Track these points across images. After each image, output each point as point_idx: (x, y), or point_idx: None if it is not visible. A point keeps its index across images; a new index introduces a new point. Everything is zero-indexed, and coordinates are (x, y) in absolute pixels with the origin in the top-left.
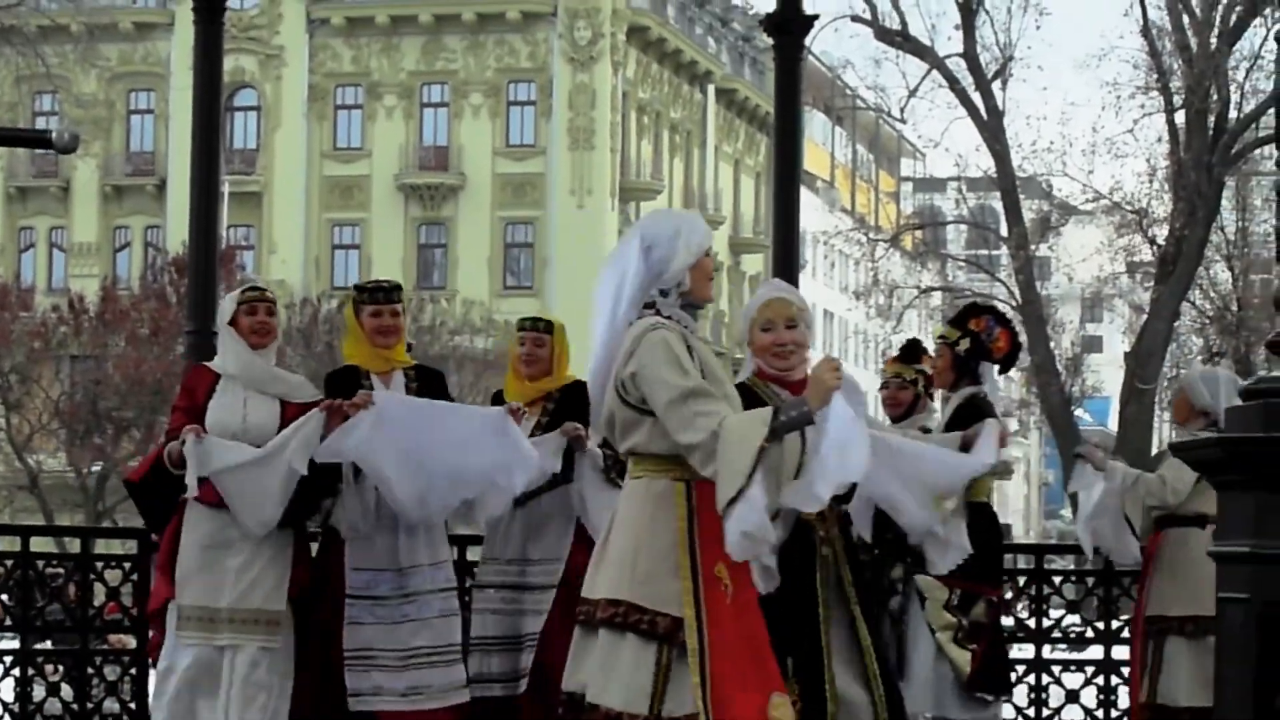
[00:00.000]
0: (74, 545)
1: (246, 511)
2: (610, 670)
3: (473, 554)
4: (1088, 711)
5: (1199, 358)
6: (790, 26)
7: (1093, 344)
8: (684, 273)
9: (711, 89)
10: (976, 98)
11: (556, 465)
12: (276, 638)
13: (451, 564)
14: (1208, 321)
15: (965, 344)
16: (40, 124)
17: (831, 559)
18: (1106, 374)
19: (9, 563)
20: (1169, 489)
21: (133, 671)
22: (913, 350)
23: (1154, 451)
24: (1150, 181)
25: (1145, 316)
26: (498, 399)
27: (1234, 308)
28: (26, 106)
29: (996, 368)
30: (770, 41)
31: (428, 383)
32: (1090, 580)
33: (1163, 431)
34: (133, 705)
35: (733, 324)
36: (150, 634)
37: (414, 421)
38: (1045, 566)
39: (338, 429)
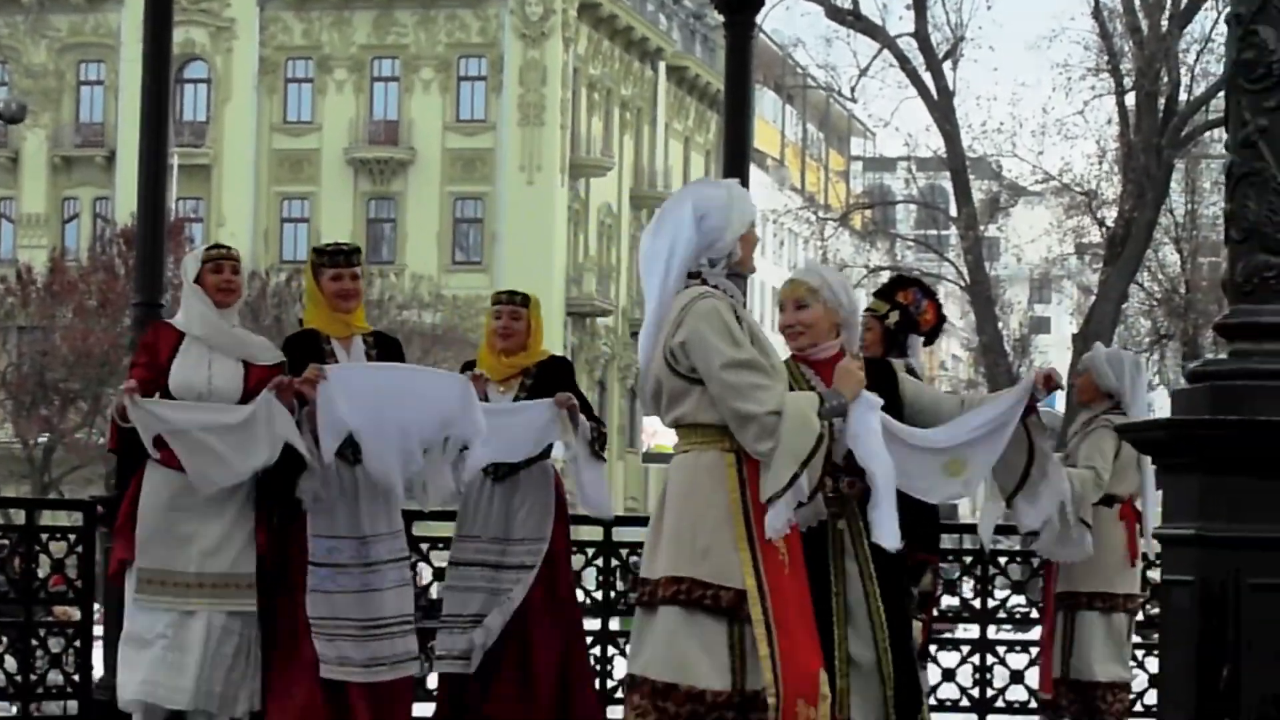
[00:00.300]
0: (19, 517)
1: (196, 470)
2: (683, 648)
3: (421, 529)
4: (1032, 692)
5: (1146, 339)
6: (742, 5)
7: (1041, 325)
8: (735, 243)
9: (662, 66)
10: (927, 78)
11: (555, 435)
12: (249, 600)
13: (404, 534)
14: (1156, 304)
15: (894, 317)
16: None
17: (846, 532)
18: (1054, 355)
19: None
20: (1102, 480)
21: (77, 643)
22: (892, 287)
23: None
24: (1100, 163)
25: (1094, 298)
26: (468, 370)
27: (1182, 290)
28: None
29: (922, 340)
30: (721, 19)
31: (386, 350)
32: (1035, 561)
33: None
34: (76, 677)
35: None
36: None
37: (369, 385)
38: (991, 547)
39: (320, 411)
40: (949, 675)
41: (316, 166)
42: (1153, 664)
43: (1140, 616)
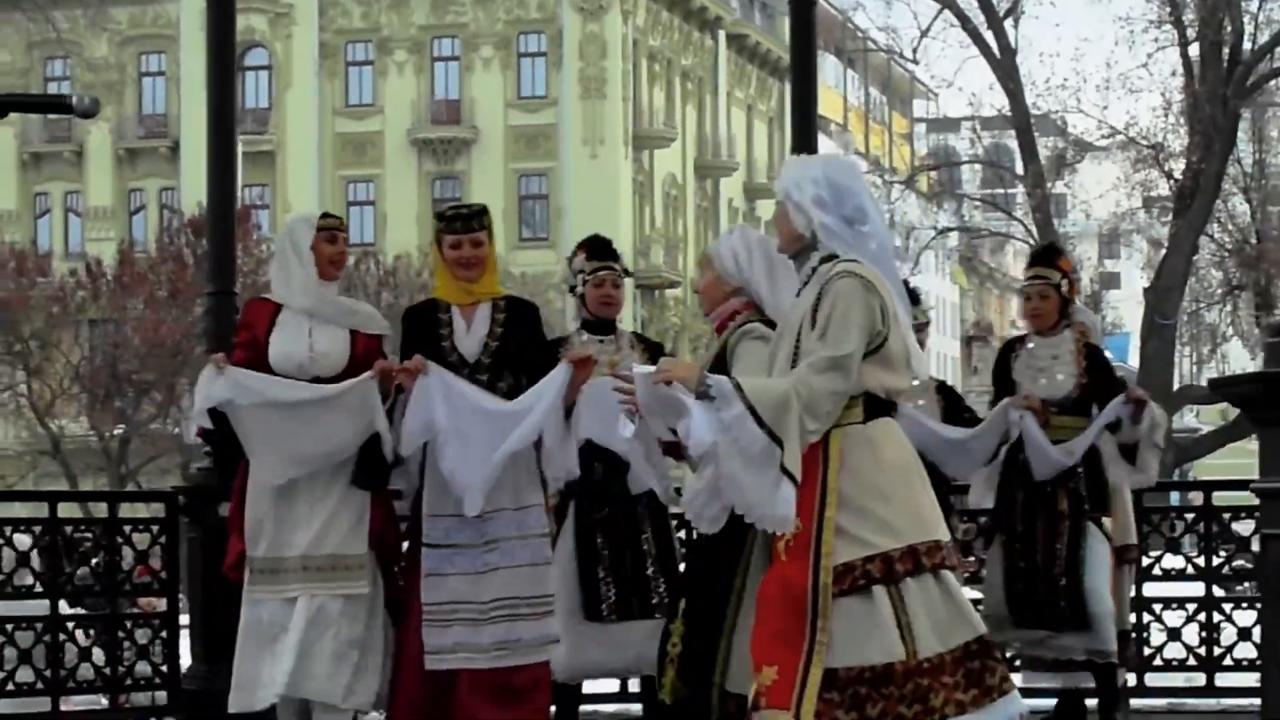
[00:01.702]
0: (98, 510)
1: (268, 453)
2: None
3: None
4: (1190, 649)
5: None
6: None
7: (1111, 280)
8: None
9: (722, 35)
10: (989, 36)
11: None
12: (359, 583)
13: (543, 508)
14: (1227, 255)
15: (1065, 284)
16: (52, 89)
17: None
18: (1126, 310)
19: (37, 529)
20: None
21: (164, 634)
22: (1051, 252)
23: (1175, 387)
24: (1165, 116)
25: (1164, 251)
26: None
27: (1253, 240)
28: (38, 72)
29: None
30: None
31: (518, 315)
32: (1190, 516)
33: (1183, 366)
34: (164, 668)
35: None
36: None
37: (470, 399)
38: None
39: (412, 407)
40: (1174, 634)
41: (380, 149)
42: (1241, 617)
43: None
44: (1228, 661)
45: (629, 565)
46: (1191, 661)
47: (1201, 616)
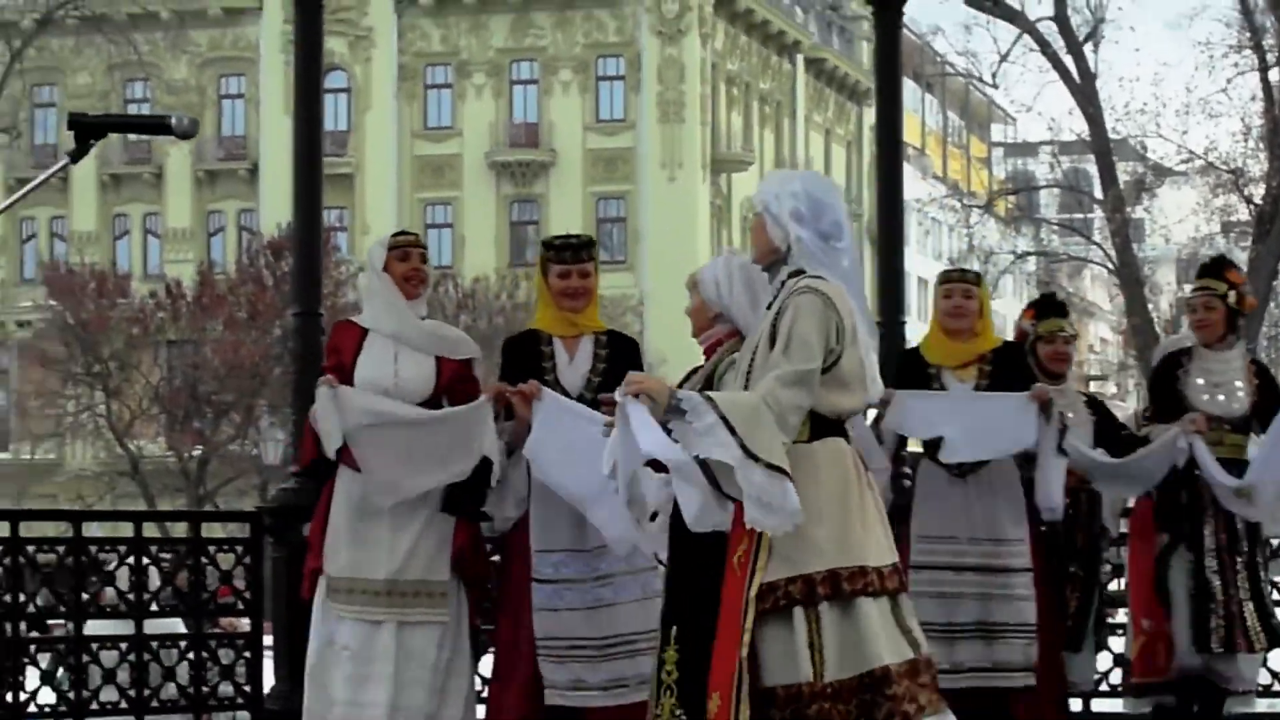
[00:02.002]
0: (175, 530)
1: (379, 473)
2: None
3: None
4: None
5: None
6: None
7: None
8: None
9: (800, 59)
10: (1068, 61)
11: (1030, 431)
12: (443, 611)
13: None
14: None
15: (1233, 296)
16: (132, 111)
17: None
18: None
19: (121, 548)
20: None
21: (247, 654)
22: (1219, 263)
23: None
24: (1245, 140)
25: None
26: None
27: None
28: (118, 94)
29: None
30: (856, 10)
31: (620, 350)
32: None
33: None
34: (247, 688)
35: None
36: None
37: (581, 428)
38: None
39: (534, 429)
40: None
41: (458, 171)
42: None
43: None
44: None
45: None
46: None
47: None
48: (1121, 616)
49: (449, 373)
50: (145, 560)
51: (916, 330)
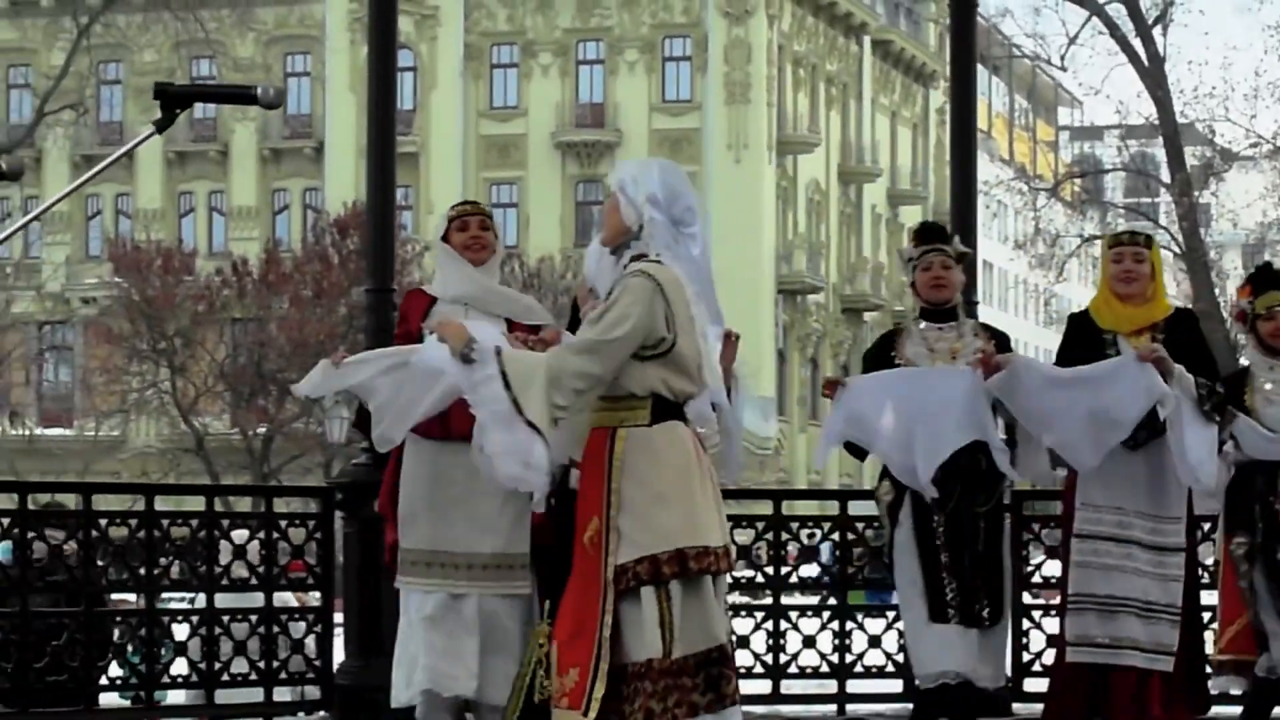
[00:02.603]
0: (240, 504)
1: (385, 414)
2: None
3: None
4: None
5: None
6: None
7: None
8: None
9: (867, 40)
10: (1137, 44)
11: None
12: (524, 583)
13: None
14: None
15: None
16: None
17: None
18: None
19: (194, 522)
20: None
21: (317, 629)
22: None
23: None
24: None
25: None
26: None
27: None
28: (184, 71)
29: None
30: None
31: None
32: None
33: None
34: (318, 662)
35: (892, 277)
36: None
37: None
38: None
39: None
40: None
41: (524, 151)
42: None
43: None
44: None
45: (967, 568)
46: None
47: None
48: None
49: (520, 336)
50: (216, 534)
51: (985, 315)
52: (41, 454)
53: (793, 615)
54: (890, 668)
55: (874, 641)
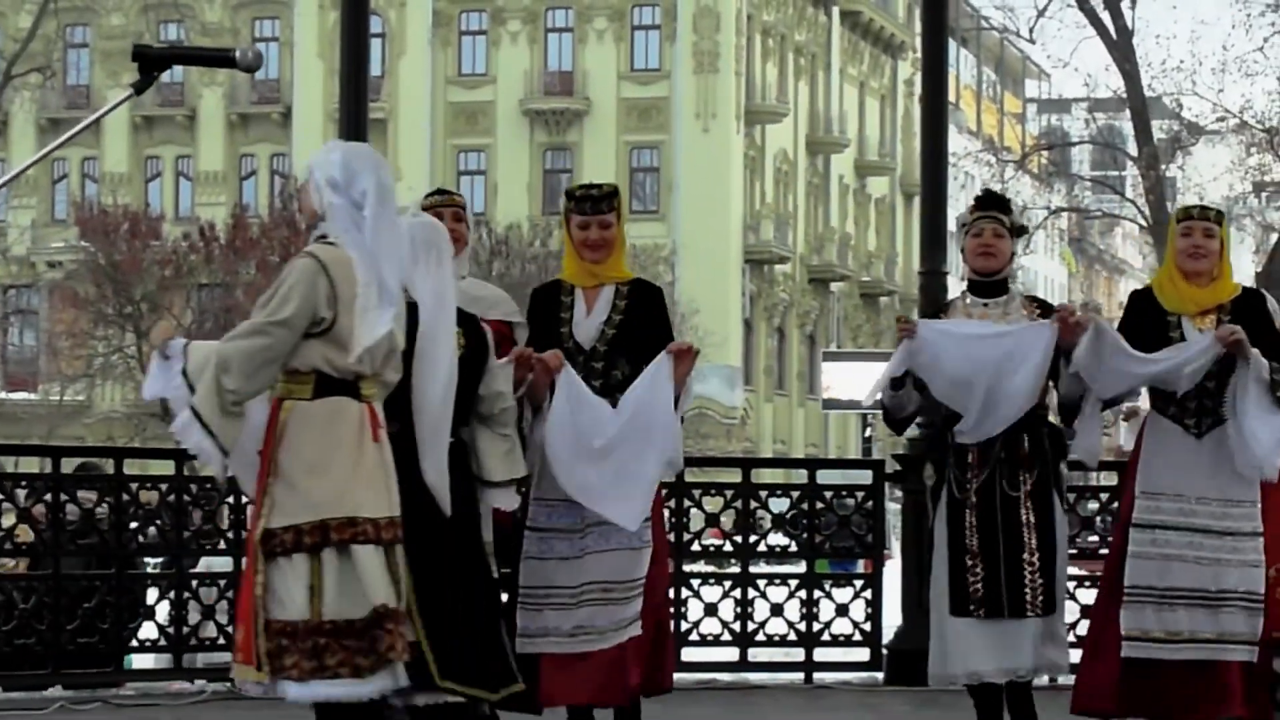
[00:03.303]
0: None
1: None
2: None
3: None
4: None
5: None
6: None
7: None
8: None
9: (836, 11)
10: (1106, 17)
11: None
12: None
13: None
14: None
15: None
16: None
17: None
18: None
19: (163, 486)
20: None
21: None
22: None
23: None
24: None
25: (1275, 236)
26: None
27: None
28: (152, 35)
29: None
30: None
31: (640, 299)
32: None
33: None
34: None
35: (859, 247)
36: None
37: (585, 412)
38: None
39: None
40: None
41: (492, 119)
42: None
43: None
44: None
45: (1003, 556)
46: None
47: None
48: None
49: (496, 329)
50: (186, 499)
51: (954, 286)
52: (6, 418)
53: (760, 583)
54: (857, 636)
55: (841, 610)
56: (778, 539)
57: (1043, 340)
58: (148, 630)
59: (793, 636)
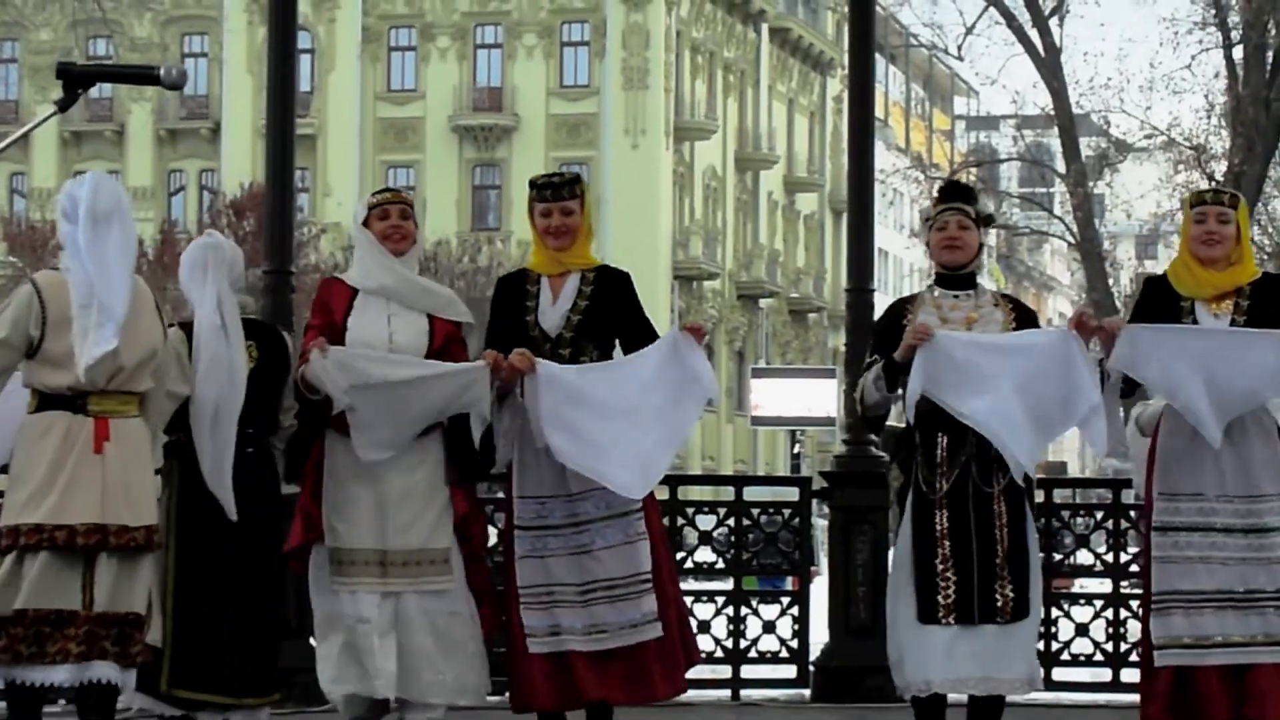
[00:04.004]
0: None
1: (371, 431)
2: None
3: None
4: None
5: None
6: None
7: None
8: None
9: (765, 28)
10: (1034, 35)
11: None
12: (448, 578)
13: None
14: (1267, 257)
15: None
16: None
17: None
18: None
19: None
20: None
21: None
22: None
23: None
24: (1208, 118)
25: None
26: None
27: None
28: (81, 50)
29: None
30: None
31: (606, 287)
32: (1099, 514)
33: None
34: None
35: (787, 263)
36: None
37: (579, 391)
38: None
39: (538, 399)
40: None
41: (421, 135)
42: None
43: None
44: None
45: (976, 559)
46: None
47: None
48: (1076, 586)
49: (442, 333)
50: None
51: (881, 302)
52: None
53: (687, 600)
54: (784, 653)
55: (768, 627)
56: (705, 555)
57: (1063, 350)
58: None
59: (720, 653)
